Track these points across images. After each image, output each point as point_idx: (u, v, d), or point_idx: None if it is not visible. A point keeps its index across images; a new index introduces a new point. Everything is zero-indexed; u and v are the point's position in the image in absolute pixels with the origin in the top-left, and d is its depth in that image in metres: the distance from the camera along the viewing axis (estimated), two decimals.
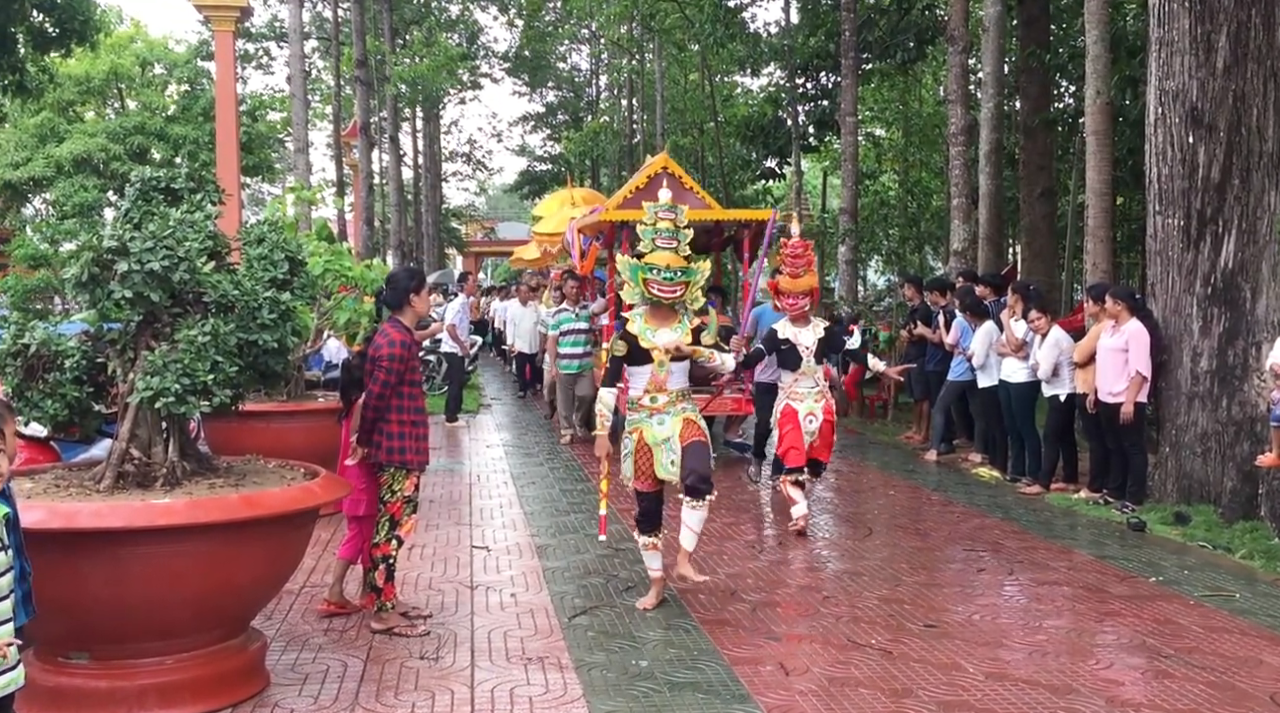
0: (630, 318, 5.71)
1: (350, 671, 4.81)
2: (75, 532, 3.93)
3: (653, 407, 5.62)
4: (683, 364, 5.67)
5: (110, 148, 27.27)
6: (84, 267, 4.30)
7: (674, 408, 5.64)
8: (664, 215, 5.73)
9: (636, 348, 5.61)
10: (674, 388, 5.64)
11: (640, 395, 5.65)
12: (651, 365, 5.59)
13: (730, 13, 22.55)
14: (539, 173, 43.33)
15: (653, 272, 5.57)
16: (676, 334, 5.63)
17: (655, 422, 5.61)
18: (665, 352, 5.57)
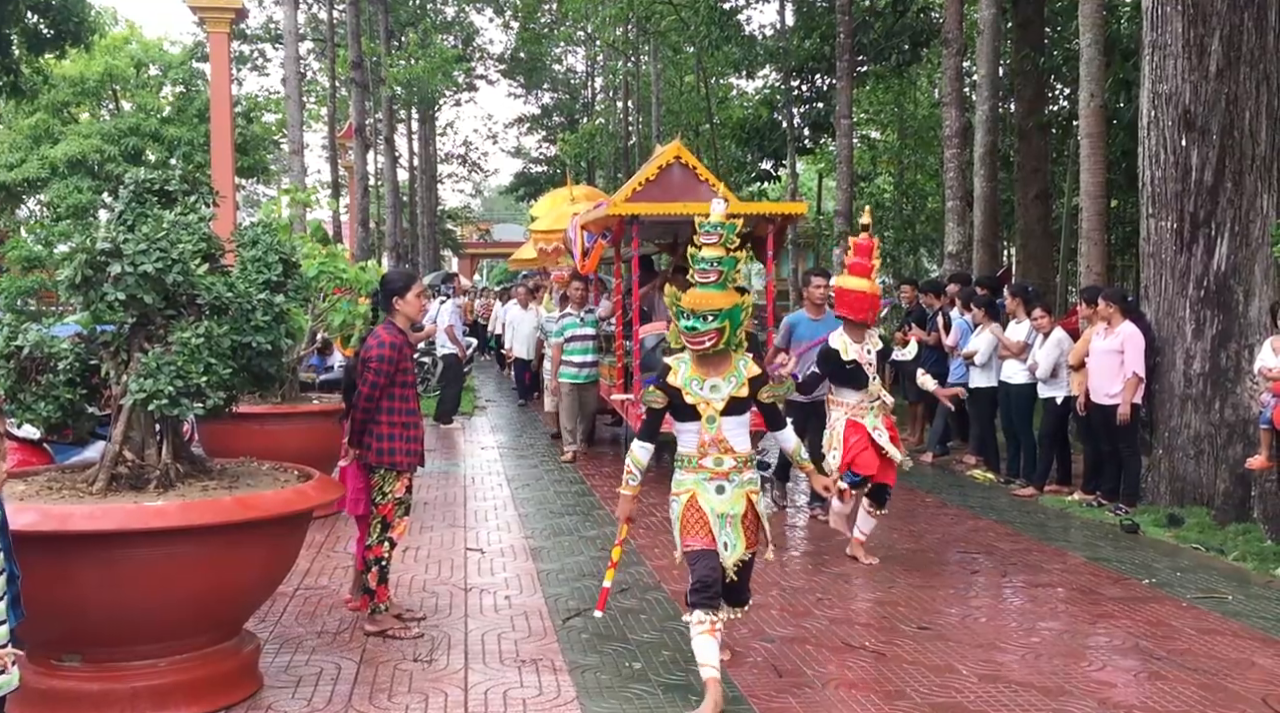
0: (674, 365, 4.65)
1: (344, 673, 4.81)
2: (68, 534, 3.92)
3: (715, 471, 4.57)
4: (742, 419, 4.62)
5: (105, 149, 27.20)
6: (77, 268, 4.30)
7: (739, 476, 4.59)
8: (705, 239, 4.58)
9: (681, 402, 4.58)
10: (740, 450, 4.60)
11: (693, 453, 4.60)
12: (700, 422, 4.56)
13: (726, 15, 22.58)
14: (534, 175, 43.34)
15: (682, 316, 4.52)
16: (730, 385, 4.56)
17: (714, 488, 4.57)
18: (715, 409, 4.54)
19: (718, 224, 4.58)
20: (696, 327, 4.46)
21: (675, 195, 9.39)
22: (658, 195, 9.38)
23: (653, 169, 9.91)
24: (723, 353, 4.56)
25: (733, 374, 4.57)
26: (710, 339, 4.47)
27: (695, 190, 9.42)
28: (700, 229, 4.56)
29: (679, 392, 4.57)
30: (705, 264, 4.54)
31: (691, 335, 4.48)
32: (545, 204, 19.75)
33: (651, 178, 9.80)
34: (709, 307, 4.47)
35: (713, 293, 4.49)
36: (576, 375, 11.09)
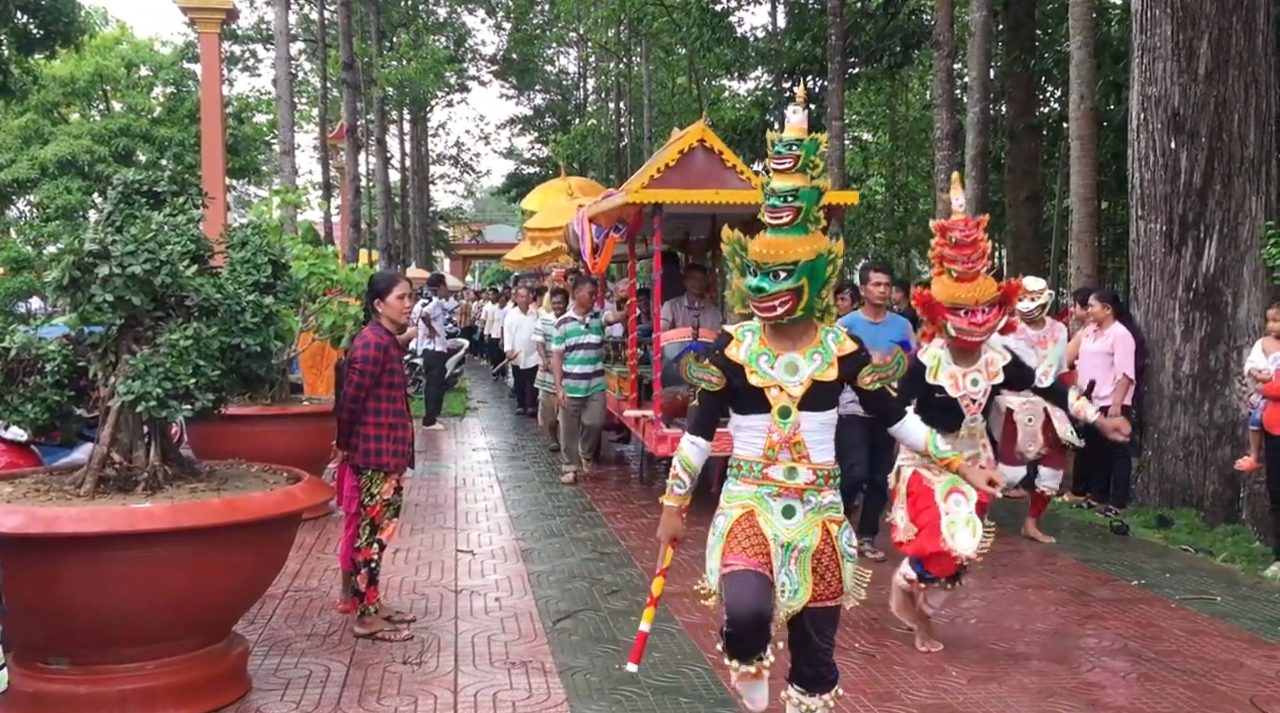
0: (736, 334, 3.49)
1: (333, 675, 4.80)
2: (56, 537, 3.91)
3: (785, 485, 3.40)
4: (827, 417, 3.44)
5: (95, 150, 27.11)
6: (65, 270, 4.28)
7: (817, 497, 3.43)
8: (777, 163, 3.36)
9: (744, 385, 3.41)
10: (821, 461, 3.41)
11: (755, 457, 3.44)
12: (768, 416, 3.39)
13: (717, 17, 22.59)
14: (527, 176, 43.32)
15: (747, 272, 3.40)
16: (813, 365, 3.40)
17: (780, 508, 3.42)
18: (791, 396, 3.36)
19: (794, 141, 3.34)
20: (764, 287, 3.29)
21: (699, 183, 8.33)
22: (679, 183, 8.32)
23: (673, 153, 8.72)
24: (803, 321, 3.38)
25: (817, 350, 3.39)
26: (784, 303, 3.28)
27: (721, 177, 8.47)
28: (771, 150, 3.39)
29: (741, 370, 3.38)
30: (778, 199, 3.32)
31: (760, 298, 3.31)
32: (540, 199, 18.56)
33: (672, 163, 8.64)
34: (783, 258, 3.27)
35: (788, 238, 3.28)
36: (577, 388, 9.88)
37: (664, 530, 3.68)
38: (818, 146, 3.33)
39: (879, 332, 6.78)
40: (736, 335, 3.48)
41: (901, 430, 3.67)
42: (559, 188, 17.98)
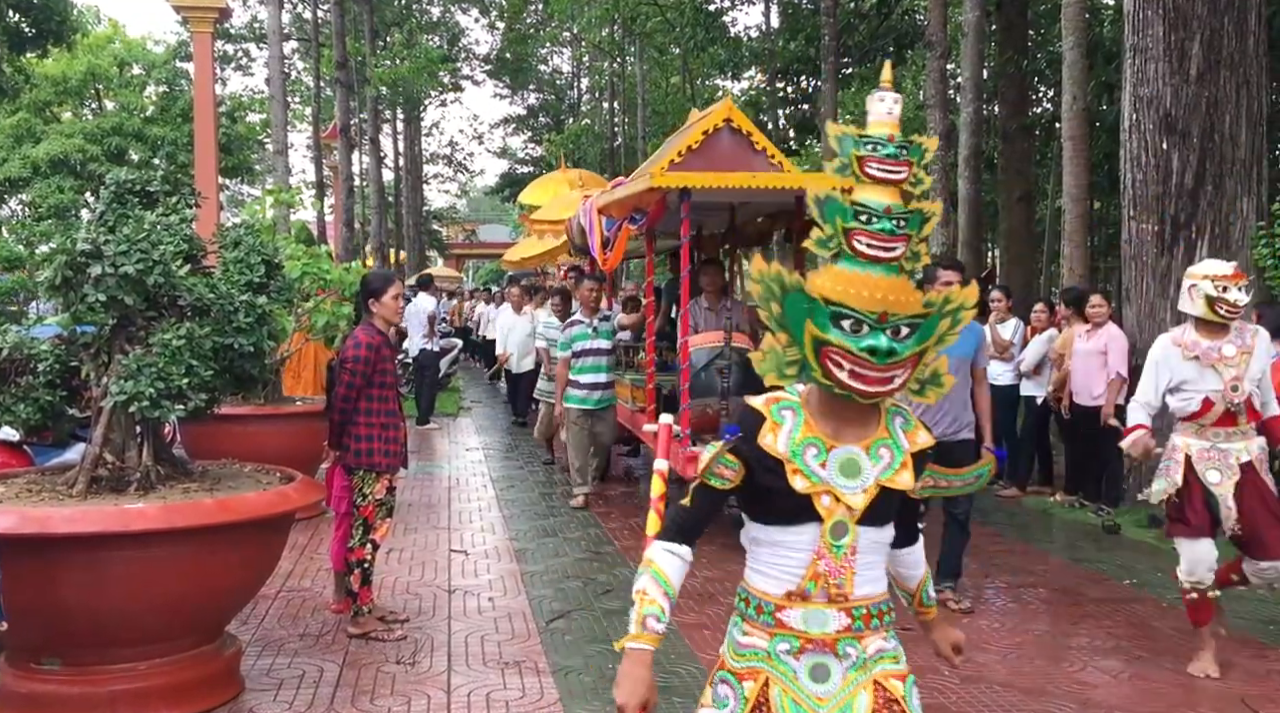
0: (771, 414, 2.40)
1: (326, 676, 4.79)
2: (48, 537, 3.90)
3: (815, 636, 2.37)
4: (885, 535, 2.43)
5: (88, 149, 27.05)
6: (57, 270, 4.28)
7: (857, 648, 2.38)
8: (877, 169, 2.26)
9: (781, 488, 2.35)
10: (866, 594, 2.40)
11: (777, 597, 2.40)
12: (817, 529, 2.35)
13: (711, 16, 22.63)
14: (520, 175, 43.29)
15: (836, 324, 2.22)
16: (880, 464, 2.38)
17: (807, 668, 2.38)
18: (850, 509, 2.34)
19: (907, 143, 2.27)
20: (895, 349, 2.21)
21: (724, 167, 7.39)
22: (702, 167, 7.38)
23: (695, 135, 7.82)
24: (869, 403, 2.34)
25: (884, 442, 2.39)
26: (904, 374, 2.27)
27: (749, 161, 7.62)
28: (872, 150, 2.26)
29: (780, 467, 2.34)
30: (889, 222, 2.24)
31: (878, 366, 2.21)
32: (540, 192, 17.51)
33: (695, 146, 7.73)
34: (909, 308, 2.23)
35: (901, 281, 2.26)
36: (586, 400, 8.82)
37: (628, 691, 2.47)
38: (923, 154, 2.31)
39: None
40: (771, 415, 2.38)
41: (907, 556, 2.69)
42: (558, 179, 16.99)
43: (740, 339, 7.37)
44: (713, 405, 7.10)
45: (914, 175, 2.31)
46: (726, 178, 7.03)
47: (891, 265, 2.26)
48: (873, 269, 2.25)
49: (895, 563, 2.66)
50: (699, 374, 7.23)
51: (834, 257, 2.28)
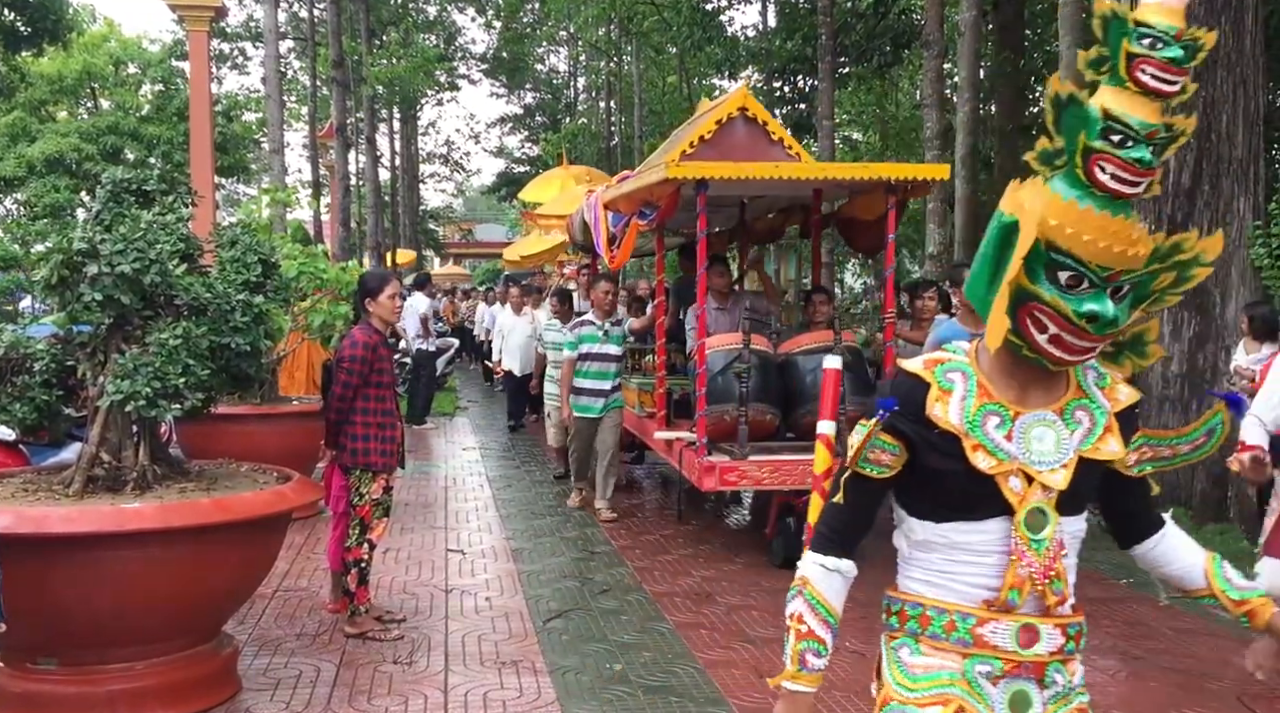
0: (933, 374, 1.95)
1: (323, 675, 4.79)
2: (44, 537, 3.89)
3: (1019, 658, 1.93)
4: (1082, 525, 1.99)
5: (83, 148, 26.95)
6: (54, 269, 4.27)
7: (1064, 674, 1.97)
8: (1157, 76, 1.71)
9: (960, 469, 1.90)
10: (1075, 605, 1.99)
11: (973, 606, 1.95)
12: (1008, 522, 1.90)
13: (708, 16, 22.60)
14: (517, 174, 43.27)
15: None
16: (1079, 430, 1.92)
17: (1006, 697, 1.95)
18: (1047, 490, 1.89)
19: (1187, 47, 1.78)
20: (1117, 316, 1.79)
21: (739, 158, 7.08)
22: (716, 158, 7.05)
23: (708, 124, 7.43)
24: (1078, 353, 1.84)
25: (1081, 403, 1.94)
26: (1109, 333, 1.81)
27: (765, 152, 7.27)
28: (1137, 42, 1.75)
29: (956, 443, 1.90)
30: (1144, 150, 1.75)
31: (1080, 336, 1.78)
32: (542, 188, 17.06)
33: (708, 136, 7.35)
34: (1137, 258, 1.78)
35: (1137, 227, 1.78)
36: (590, 408, 8.29)
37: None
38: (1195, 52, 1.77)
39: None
40: (936, 380, 1.92)
41: (1166, 549, 2.14)
42: (559, 176, 16.52)
43: (759, 341, 6.93)
44: (731, 412, 6.71)
45: (1186, 85, 1.77)
46: (747, 168, 6.68)
47: (1128, 204, 1.74)
48: (1110, 209, 1.72)
49: (1155, 563, 2.15)
50: (715, 378, 6.81)
51: (1057, 177, 1.74)
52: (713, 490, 6.73)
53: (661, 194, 7.06)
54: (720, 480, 6.51)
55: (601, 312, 8.41)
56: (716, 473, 6.50)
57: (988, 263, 1.84)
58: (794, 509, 6.67)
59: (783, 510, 6.84)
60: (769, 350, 7.00)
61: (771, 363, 6.94)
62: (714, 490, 6.75)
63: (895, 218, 7.02)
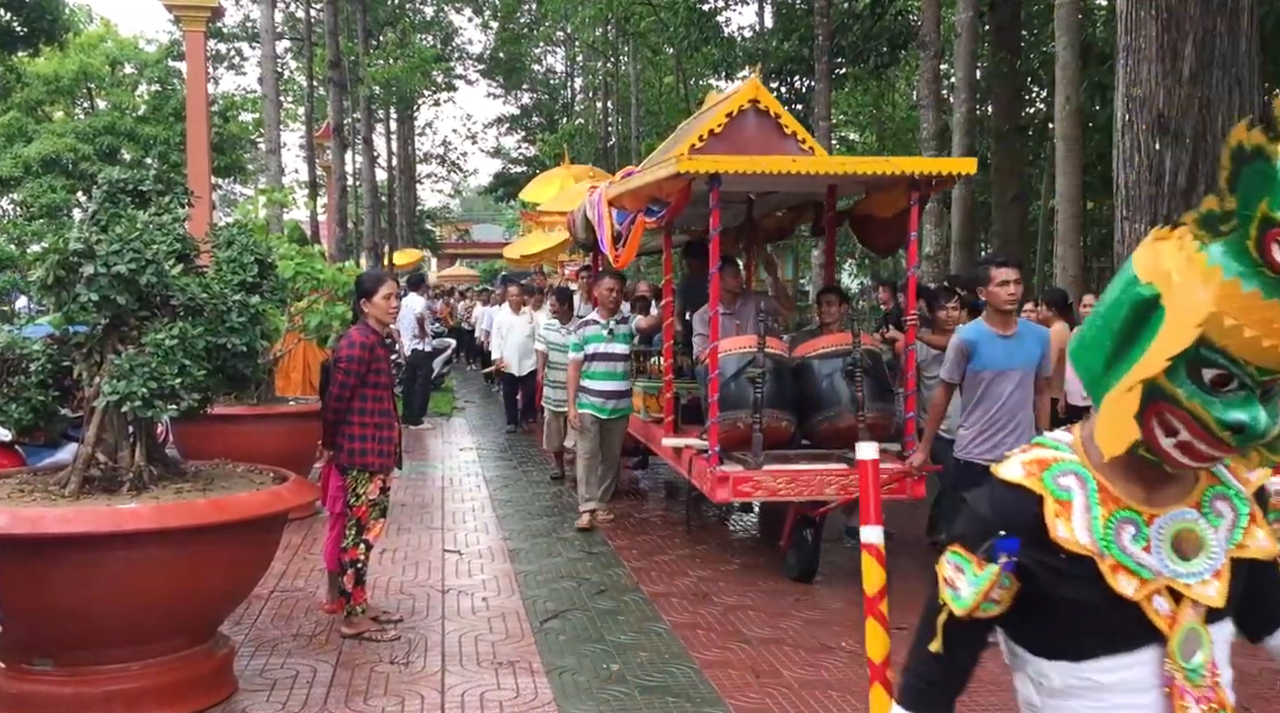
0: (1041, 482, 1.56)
1: (319, 676, 4.79)
2: (40, 538, 3.89)
3: None
4: (1228, 630, 1.63)
5: (79, 148, 26.94)
6: (50, 269, 4.26)
7: None
8: None
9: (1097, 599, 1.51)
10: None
11: None
12: (1159, 653, 1.54)
13: (705, 16, 22.62)
14: (514, 175, 43.26)
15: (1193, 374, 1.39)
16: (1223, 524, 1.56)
17: None
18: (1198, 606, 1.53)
19: None
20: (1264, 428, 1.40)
21: (750, 152, 6.70)
22: (726, 152, 6.65)
23: (718, 118, 7.12)
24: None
25: (1219, 491, 1.59)
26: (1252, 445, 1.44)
27: (778, 146, 6.95)
28: None
29: (1089, 565, 1.53)
30: None
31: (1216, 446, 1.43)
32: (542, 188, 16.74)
33: (717, 130, 7.04)
34: None
35: None
36: (601, 409, 7.95)
37: None
38: None
39: (1013, 349, 5.28)
40: (1048, 489, 1.57)
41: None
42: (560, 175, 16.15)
43: (775, 344, 6.58)
44: (744, 419, 6.32)
45: None
46: (763, 163, 6.25)
47: None
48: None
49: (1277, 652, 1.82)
50: (728, 384, 6.39)
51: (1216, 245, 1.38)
52: (725, 502, 6.42)
53: (671, 190, 6.61)
54: (734, 491, 6.19)
55: (606, 310, 8.04)
56: (730, 484, 6.17)
57: (1110, 336, 1.46)
58: (810, 521, 6.45)
59: (799, 522, 6.51)
60: (784, 354, 6.70)
61: (786, 367, 6.63)
62: (726, 502, 6.42)
63: (918, 215, 6.63)
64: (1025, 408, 5.31)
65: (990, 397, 5.29)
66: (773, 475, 6.19)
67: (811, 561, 6.46)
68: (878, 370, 6.62)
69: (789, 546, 6.63)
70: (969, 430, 5.41)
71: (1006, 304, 5.30)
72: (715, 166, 6.13)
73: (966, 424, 5.42)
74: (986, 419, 5.30)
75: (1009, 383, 5.27)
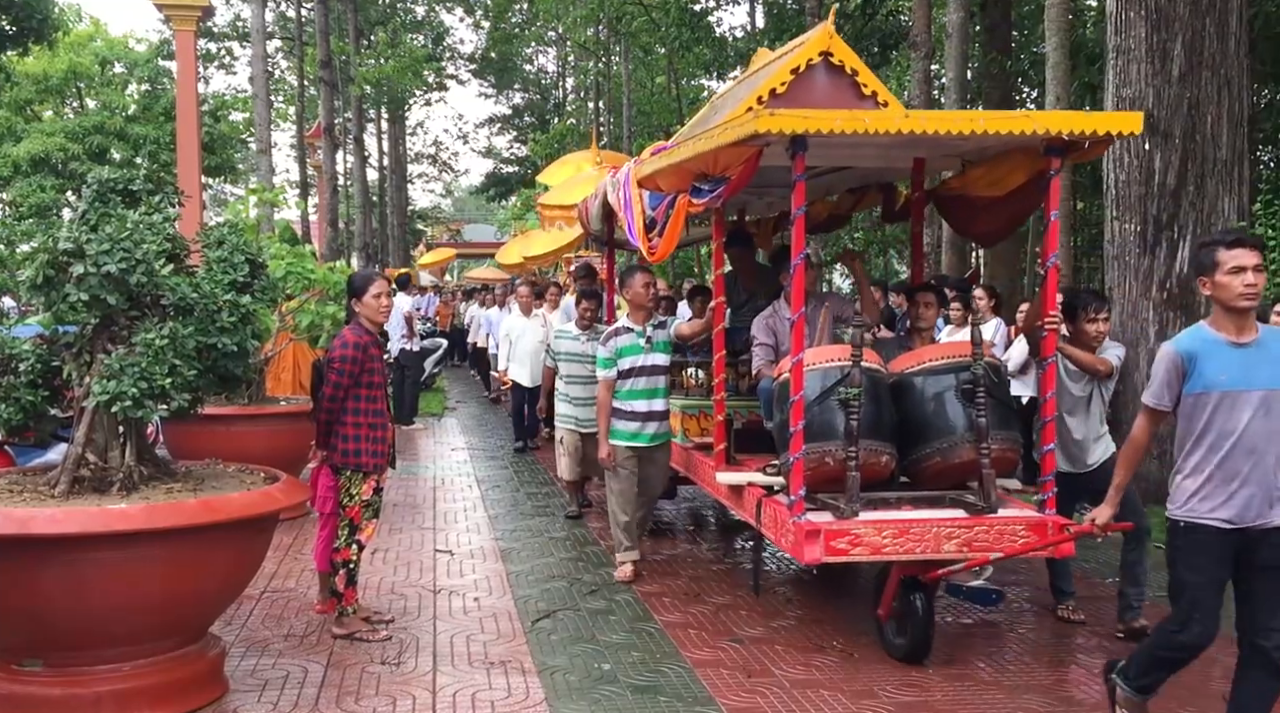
0: None
1: (310, 676, 4.78)
2: (30, 538, 3.87)
3: None
4: None
5: (69, 147, 26.84)
6: (39, 269, 4.25)
7: None
8: None
9: None
10: None
11: None
12: None
13: (696, 17, 22.66)
14: (505, 175, 43.26)
15: None
16: None
17: None
18: None
19: None
20: None
21: None
22: None
23: (781, 74, 5.97)
24: None
25: None
26: None
27: (854, 108, 5.73)
28: None
29: None
30: None
31: None
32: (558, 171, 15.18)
33: (780, 89, 5.90)
34: None
35: None
36: (639, 435, 6.49)
37: None
38: None
39: (1253, 361, 3.80)
40: None
41: None
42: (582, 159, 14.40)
43: (871, 357, 5.27)
44: (835, 452, 5.02)
45: None
46: (877, 119, 4.81)
47: None
48: None
49: None
50: (812, 407, 5.04)
51: None
52: (816, 564, 4.90)
53: (732, 161, 5.23)
54: (827, 549, 4.78)
55: (641, 313, 6.57)
56: (821, 540, 4.79)
57: None
58: (921, 584, 5.00)
59: (907, 585, 5.02)
60: (880, 368, 5.33)
61: (883, 385, 5.26)
62: (817, 563, 4.90)
63: (1057, 187, 5.17)
64: (1276, 444, 3.79)
65: (1221, 429, 3.80)
66: (875, 528, 4.83)
67: (924, 637, 4.98)
68: (1002, 390, 5.41)
69: (890, 613, 5.14)
70: (1192, 478, 3.91)
71: (1242, 300, 3.77)
72: (813, 124, 4.66)
73: (1187, 469, 3.93)
74: (1216, 461, 3.82)
75: (1248, 409, 3.76)
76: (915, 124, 4.81)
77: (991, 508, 5.05)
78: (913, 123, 4.82)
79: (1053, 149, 5.12)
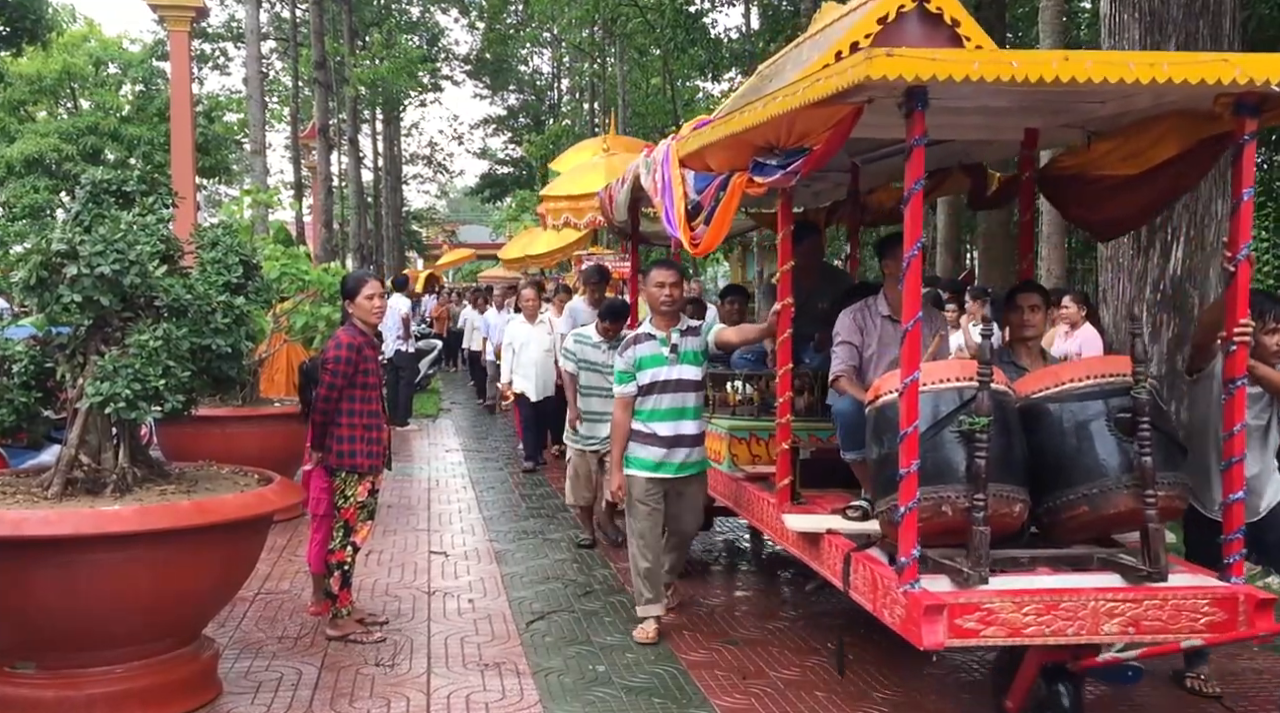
0: None
1: (304, 678, 4.77)
2: (23, 540, 3.86)
3: None
4: None
5: (63, 148, 26.78)
6: (32, 270, 4.24)
7: None
8: None
9: None
10: None
11: None
12: None
13: (691, 18, 22.65)
14: (500, 176, 43.26)
15: None
16: None
17: None
18: None
19: None
20: None
21: None
22: None
23: (866, 23, 4.97)
24: None
25: None
26: None
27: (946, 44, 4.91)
28: None
29: None
30: None
31: None
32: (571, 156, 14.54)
33: (863, 42, 4.84)
34: None
35: None
36: (664, 465, 5.35)
37: None
38: None
39: None
40: None
41: None
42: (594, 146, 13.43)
43: (998, 377, 4.04)
44: (955, 500, 3.89)
45: None
46: (1026, 62, 3.55)
47: None
48: None
49: None
50: (924, 440, 3.85)
51: None
52: (938, 648, 3.69)
53: (820, 125, 4.06)
54: (951, 630, 3.62)
55: (663, 317, 5.42)
56: (945, 618, 3.63)
57: None
58: (1065, 670, 3.92)
59: (1051, 672, 3.95)
60: (1007, 390, 4.17)
61: (1012, 412, 4.12)
62: (939, 648, 3.69)
63: (1251, 156, 3.96)
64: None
65: None
66: (1013, 602, 3.67)
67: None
68: (1163, 419, 4.18)
69: (1023, 703, 4.05)
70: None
71: None
72: (941, 68, 3.43)
73: None
74: None
75: None
76: (1078, 69, 3.58)
77: (1160, 574, 3.80)
78: (1074, 68, 3.58)
79: (1244, 107, 3.90)
